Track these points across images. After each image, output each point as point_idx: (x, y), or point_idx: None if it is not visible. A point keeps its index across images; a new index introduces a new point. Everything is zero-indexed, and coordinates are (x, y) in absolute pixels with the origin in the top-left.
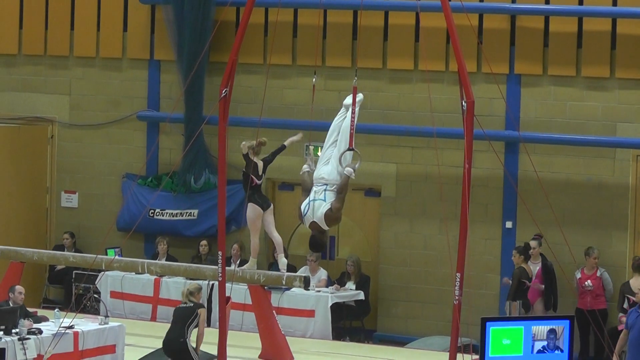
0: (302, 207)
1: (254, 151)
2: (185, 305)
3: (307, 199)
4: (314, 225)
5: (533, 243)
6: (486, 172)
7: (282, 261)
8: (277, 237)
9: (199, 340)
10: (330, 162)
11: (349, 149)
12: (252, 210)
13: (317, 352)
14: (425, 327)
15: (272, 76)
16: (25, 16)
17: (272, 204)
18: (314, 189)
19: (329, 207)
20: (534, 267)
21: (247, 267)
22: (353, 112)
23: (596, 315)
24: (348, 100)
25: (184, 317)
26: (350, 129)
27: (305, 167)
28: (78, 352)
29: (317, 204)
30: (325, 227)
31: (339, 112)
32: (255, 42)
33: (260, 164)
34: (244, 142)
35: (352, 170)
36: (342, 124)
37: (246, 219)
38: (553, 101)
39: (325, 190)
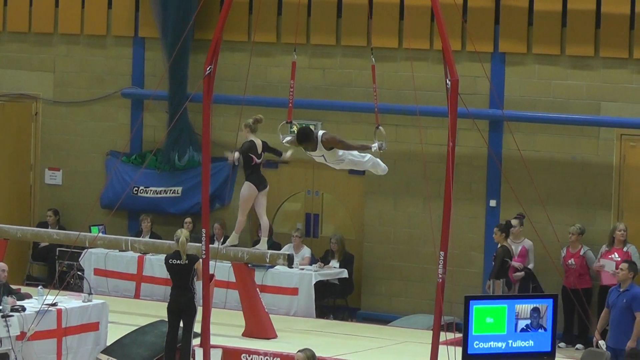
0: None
1: (251, 129)
2: (179, 263)
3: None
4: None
5: (514, 222)
6: (470, 151)
7: (264, 246)
8: (265, 221)
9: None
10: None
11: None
12: (247, 189)
13: (300, 330)
14: (408, 305)
15: (256, 54)
16: None
17: (268, 186)
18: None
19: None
20: (516, 247)
21: (229, 241)
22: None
23: (580, 294)
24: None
25: (185, 275)
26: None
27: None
28: (61, 329)
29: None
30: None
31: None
32: (239, 19)
33: (260, 143)
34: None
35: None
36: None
37: (239, 196)
38: (537, 80)
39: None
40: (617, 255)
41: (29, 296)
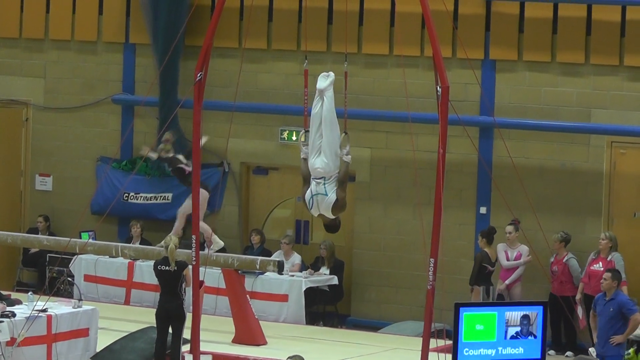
0: (307, 200)
1: (166, 151)
2: (168, 269)
3: (310, 191)
4: (321, 216)
5: (509, 228)
6: (460, 158)
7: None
8: (204, 225)
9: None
10: (322, 154)
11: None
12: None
13: (290, 336)
14: (398, 312)
15: (247, 60)
16: None
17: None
18: (313, 181)
19: (335, 199)
20: (512, 253)
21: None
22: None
23: (568, 301)
24: (321, 84)
25: (173, 282)
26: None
27: (302, 154)
28: (51, 335)
29: (320, 198)
30: (332, 217)
31: (315, 99)
32: (230, 26)
33: (180, 155)
34: (150, 154)
35: (349, 156)
36: (321, 112)
37: (180, 206)
38: (528, 87)
39: (324, 183)
40: (600, 265)
41: (19, 302)
